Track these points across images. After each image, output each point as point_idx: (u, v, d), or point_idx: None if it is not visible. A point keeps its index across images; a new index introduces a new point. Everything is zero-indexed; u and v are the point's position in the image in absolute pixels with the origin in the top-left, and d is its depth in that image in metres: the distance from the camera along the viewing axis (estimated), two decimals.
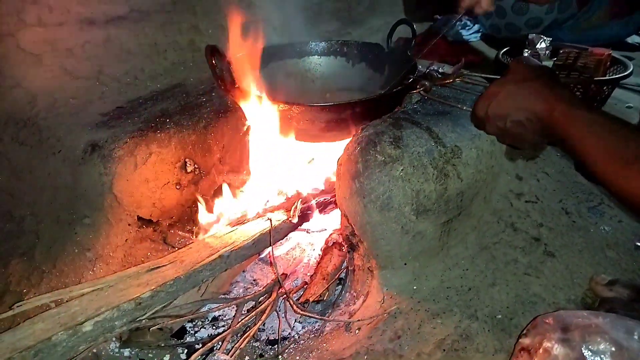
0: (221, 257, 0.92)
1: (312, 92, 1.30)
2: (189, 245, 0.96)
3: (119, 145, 1.03)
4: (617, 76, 1.48)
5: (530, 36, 1.80)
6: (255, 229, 1.00)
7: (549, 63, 1.58)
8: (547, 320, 0.68)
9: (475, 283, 0.91)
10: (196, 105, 1.18)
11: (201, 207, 1.07)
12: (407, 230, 0.85)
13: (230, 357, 0.85)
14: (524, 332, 0.71)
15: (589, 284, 0.89)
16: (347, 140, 0.97)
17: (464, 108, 0.92)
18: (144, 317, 0.83)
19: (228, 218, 1.05)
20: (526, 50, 1.78)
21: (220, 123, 1.10)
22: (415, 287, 0.90)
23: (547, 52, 1.77)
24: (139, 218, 1.09)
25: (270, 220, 0.97)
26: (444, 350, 0.78)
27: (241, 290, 1.09)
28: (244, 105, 0.99)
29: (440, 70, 1.25)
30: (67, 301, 0.82)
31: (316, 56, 1.31)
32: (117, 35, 1.31)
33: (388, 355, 0.78)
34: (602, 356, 0.59)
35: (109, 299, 0.81)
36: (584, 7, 2.02)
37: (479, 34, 2.46)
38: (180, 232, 1.17)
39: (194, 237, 1.16)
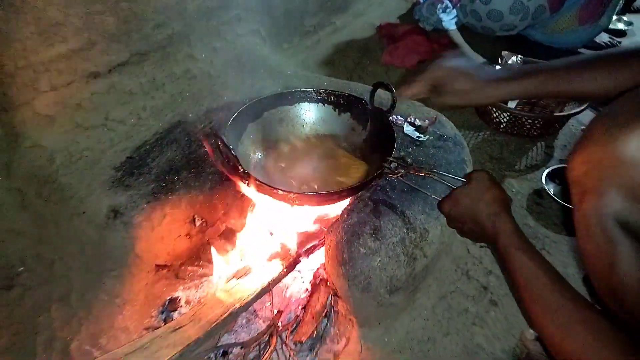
0: (231, 314, 1.14)
1: (302, 135, 1.44)
2: (203, 302, 1.17)
3: (138, 212, 1.19)
4: (571, 112, 1.66)
5: (503, 52, 1.93)
6: (257, 282, 1.21)
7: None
8: None
9: (433, 333, 1.16)
10: (200, 160, 1.32)
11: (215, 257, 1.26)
12: (382, 304, 1.07)
13: None
14: None
15: (520, 337, 1.15)
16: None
17: (433, 196, 1.11)
18: None
19: (234, 269, 1.26)
20: (498, 66, 1.91)
21: (224, 186, 1.25)
22: (386, 339, 1.14)
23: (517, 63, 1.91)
24: (156, 265, 1.28)
25: (270, 284, 1.18)
26: None
27: (244, 321, 1.32)
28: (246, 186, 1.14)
29: (416, 122, 1.40)
30: None
31: (306, 103, 1.44)
32: (120, 81, 1.40)
33: None
34: None
35: None
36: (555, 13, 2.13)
37: (457, 19, 2.52)
38: (189, 268, 1.37)
39: (200, 269, 1.37)
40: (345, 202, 1.19)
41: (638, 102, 0.66)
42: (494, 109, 1.73)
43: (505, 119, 1.72)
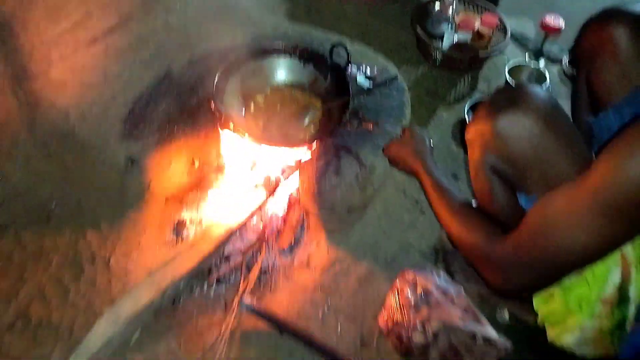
0: (232, 232, 1.53)
1: (274, 84, 1.74)
2: (209, 225, 1.55)
3: (150, 159, 1.51)
4: (492, 53, 2.02)
5: None
6: (248, 207, 1.59)
7: (450, 40, 2.05)
8: (406, 275, 1.40)
9: (378, 237, 1.61)
10: (192, 110, 1.61)
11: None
12: (342, 220, 1.50)
13: (246, 286, 1.53)
14: (397, 278, 1.44)
15: (439, 236, 1.62)
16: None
17: (378, 142, 1.49)
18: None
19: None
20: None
21: (216, 133, 1.57)
22: (345, 242, 1.58)
23: (453, 2, 2.20)
24: (166, 197, 1.63)
25: (258, 207, 1.56)
26: (360, 282, 1.51)
27: (238, 234, 1.72)
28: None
29: (367, 72, 1.73)
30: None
31: (275, 56, 1.71)
32: (113, 42, 1.61)
33: (330, 286, 1.50)
34: (424, 295, 1.33)
35: (175, 271, 1.42)
36: None
37: None
38: (190, 196, 1.73)
39: (198, 195, 1.73)
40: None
41: (507, 97, 1.04)
42: (432, 48, 2.06)
43: (440, 57, 2.06)
